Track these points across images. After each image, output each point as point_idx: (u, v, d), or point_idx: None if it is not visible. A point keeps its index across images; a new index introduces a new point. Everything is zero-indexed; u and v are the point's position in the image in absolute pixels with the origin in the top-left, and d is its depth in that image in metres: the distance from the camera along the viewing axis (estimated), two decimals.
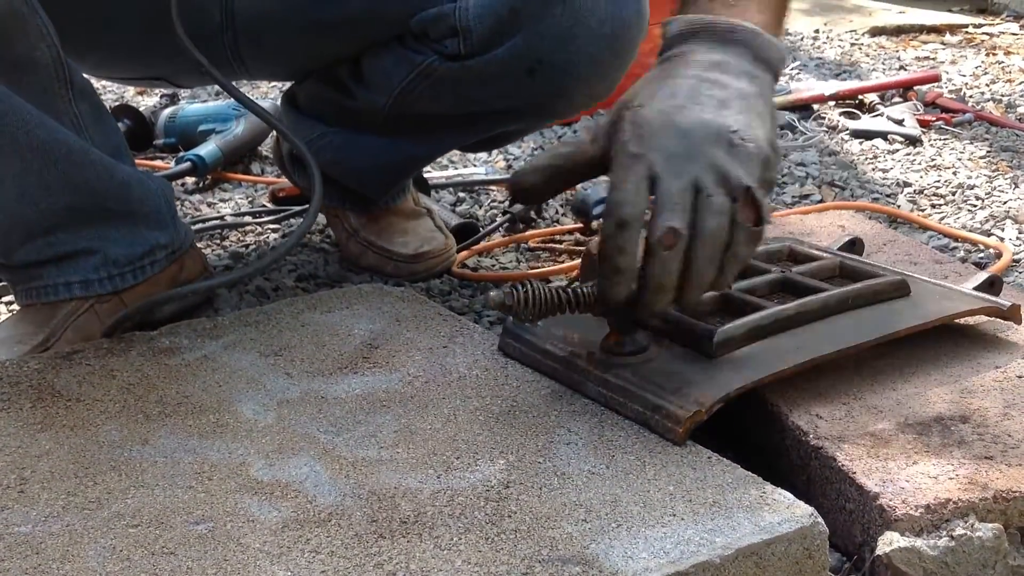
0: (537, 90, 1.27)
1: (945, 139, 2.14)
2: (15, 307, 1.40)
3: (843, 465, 0.87)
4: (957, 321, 1.09)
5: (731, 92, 0.89)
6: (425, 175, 1.78)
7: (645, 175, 0.86)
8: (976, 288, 1.11)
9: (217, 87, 2.41)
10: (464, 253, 1.56)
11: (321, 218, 1.72)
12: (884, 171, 1.96)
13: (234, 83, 1.26)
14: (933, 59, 2.87)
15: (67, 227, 1.18)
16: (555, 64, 1.23)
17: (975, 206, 1.76)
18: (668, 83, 0.90)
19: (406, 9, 1.27)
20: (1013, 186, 1.85)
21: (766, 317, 0.99)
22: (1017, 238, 1.62)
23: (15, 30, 1.10)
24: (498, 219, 1.67)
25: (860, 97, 2.38)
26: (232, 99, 2.05)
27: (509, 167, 2.00)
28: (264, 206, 1.80)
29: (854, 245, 1.23)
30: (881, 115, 2.25)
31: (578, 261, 1.44)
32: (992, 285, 1.13)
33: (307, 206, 1.70)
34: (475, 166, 1.98)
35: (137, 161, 1.48)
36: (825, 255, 1.15)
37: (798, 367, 0.96)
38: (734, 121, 0.87)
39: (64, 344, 1.16)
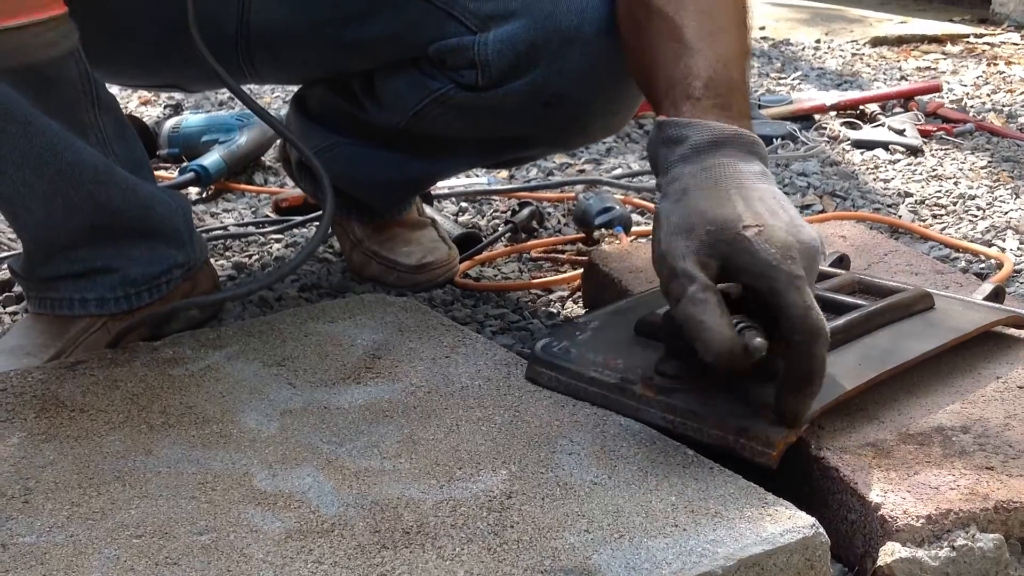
0: (553, 121, 1.27)
1: (946, 149, 2.15)
2: (17, 317, 1.40)
3: (844, 475, 0.88)
4: None
5: (790, 203, 0.94)
6: None
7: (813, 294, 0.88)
8: (984, 299, 1.13)
9: (222, 97, 2.42)
10: (466, 263, 1.56)
11: None
12: (885, 181, 1.96)
13: (241, 86, 1.27)
14: (934, 69, 2.87)
15: (89, 244, 1.20)
16: (572, 98, 1.23)
17: (976, 216, 1.76)
18: (753, 199, 0.91)
19: (425, 37, 1.26)
20: (1014, 196, 1.85)
21: None
22: (1018, 248, 1.62)
23: None
24: (500, 229, 1.68)
25: (861, 107, 2.38)
26: (235, 109, 2.07)
27: (511, 177, 2.01)
28: (267, 216, 1.81)
29: (842, 261, 1.24)
30: (882, 125, 2.25)
31: (580, 271, 1.44)
32: (997, 296, 1.14)
33: (312, 216, 1.72)
34: (477, 176, 1.98)
35: None
36: (840, 271, 1.16)
37: (874, 380, 0.96)
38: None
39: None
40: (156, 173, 1.97)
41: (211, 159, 1.89)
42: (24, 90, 1.10)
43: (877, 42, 3.23)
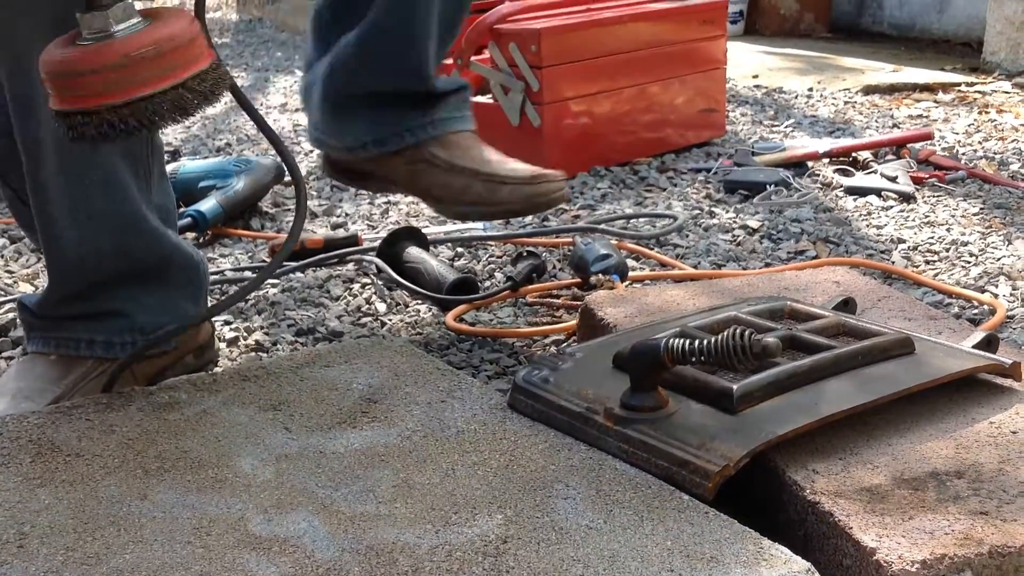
0: None
1: (938, 196, 2.16)
2: (13, 361, 1.40)
3: (840, 520, 0.88)
4: None
5: None
6: (424, 231, 1.79)
7: None
8: (974, 346, 1.13)
9: (219, 143, 2.43)
10: (462, 307, 1.57)
11: (322, 271, 1.73)
12: (878, 228, 1.98)
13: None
14: (926, 117, 2.90)
15: (105, 288, 1.21)
16: None
17: (969, 262, 1.77)
18: None
19: None
20: (1006, 243, 1.86)
21: (783, 373, 1.01)
22: (1011, 294, 1.63)
23: None
24: (499, 279, 1.68)
25: (854, 154, 2.40)
26: (231, 156, 2.08)
27: (507, 223, 2.02)
28: (264, 261, 1.81)
29: (847, 304, 1.24)
30: (875, 172, 2.27)
31: (575, 320, 1.45)
32: (990, 343, 1.14)
33: (308, 261, 1.73)
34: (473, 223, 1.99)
35: None
36: (828, 313, 1.17)
37: (819, 422, 0.97)
38: None
39: None
40: None
41: (208, 205, 1.90)
42: None
43: (869, 90, 3.26)
